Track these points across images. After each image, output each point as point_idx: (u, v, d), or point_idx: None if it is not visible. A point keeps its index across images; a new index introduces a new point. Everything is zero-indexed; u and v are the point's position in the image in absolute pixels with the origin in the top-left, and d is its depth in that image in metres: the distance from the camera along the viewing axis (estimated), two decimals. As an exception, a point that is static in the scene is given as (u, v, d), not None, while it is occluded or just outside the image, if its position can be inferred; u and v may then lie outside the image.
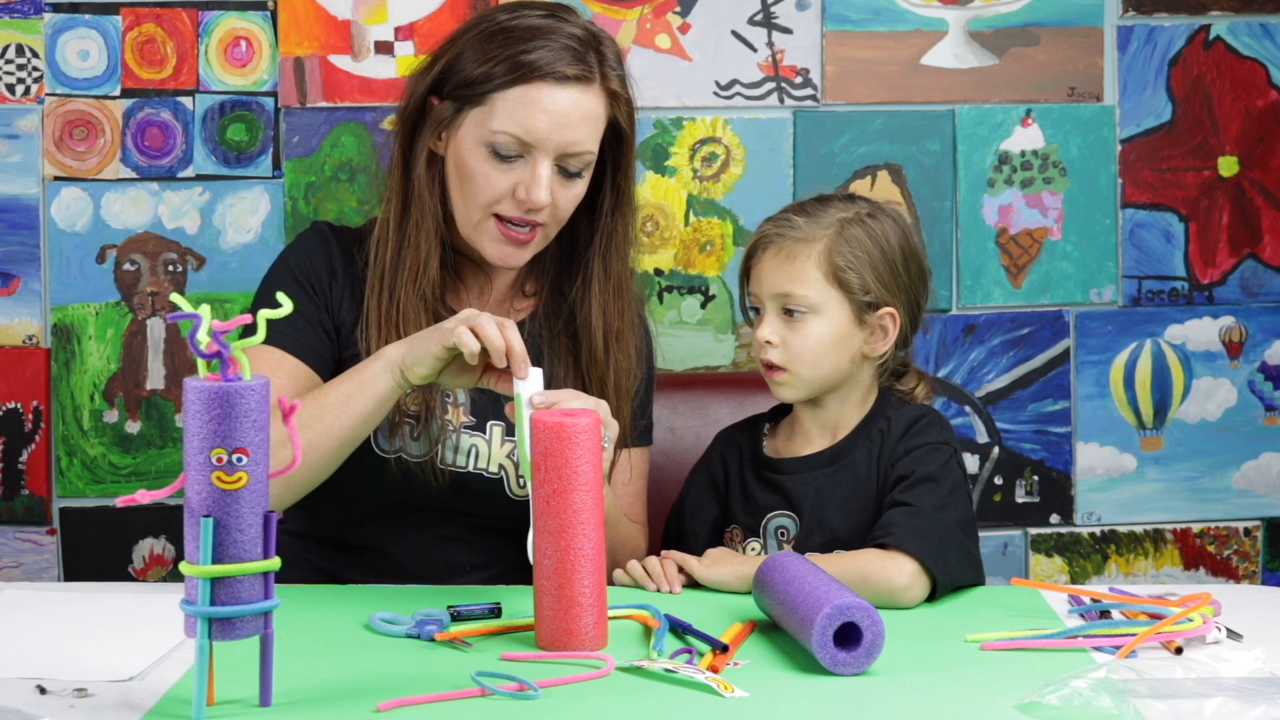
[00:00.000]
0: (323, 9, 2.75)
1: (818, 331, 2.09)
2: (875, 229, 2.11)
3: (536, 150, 2.05)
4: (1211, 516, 2.88)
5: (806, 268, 2.08)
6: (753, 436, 2.20)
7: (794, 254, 2.09)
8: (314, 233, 2.21)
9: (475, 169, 2.07)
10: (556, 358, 2.16)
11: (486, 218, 2.08)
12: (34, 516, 2.77)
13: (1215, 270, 2.86)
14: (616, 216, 2.16)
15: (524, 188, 2.05)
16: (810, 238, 2.09)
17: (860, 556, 1.96)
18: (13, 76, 2.73)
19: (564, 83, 2.05)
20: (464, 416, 2.13)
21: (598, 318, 2.15)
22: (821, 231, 2.09)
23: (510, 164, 2.06)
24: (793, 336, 2.09)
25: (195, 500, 1.51)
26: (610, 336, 2.16)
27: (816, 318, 2.08)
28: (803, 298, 2.08)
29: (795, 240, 2.10)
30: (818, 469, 2.12)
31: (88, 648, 1.76)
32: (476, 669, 1.63)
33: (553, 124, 2.04)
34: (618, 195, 2.16)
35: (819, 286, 2.08)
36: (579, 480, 1.75)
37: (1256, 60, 2.83)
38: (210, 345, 1.52)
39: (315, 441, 1.97)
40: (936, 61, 2.81)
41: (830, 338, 2.09)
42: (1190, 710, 1.54)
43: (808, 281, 2.08)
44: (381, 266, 2.12)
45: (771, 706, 1.59)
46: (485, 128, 2.05)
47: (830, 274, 2.08)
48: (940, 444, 2.07)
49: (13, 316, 2.75)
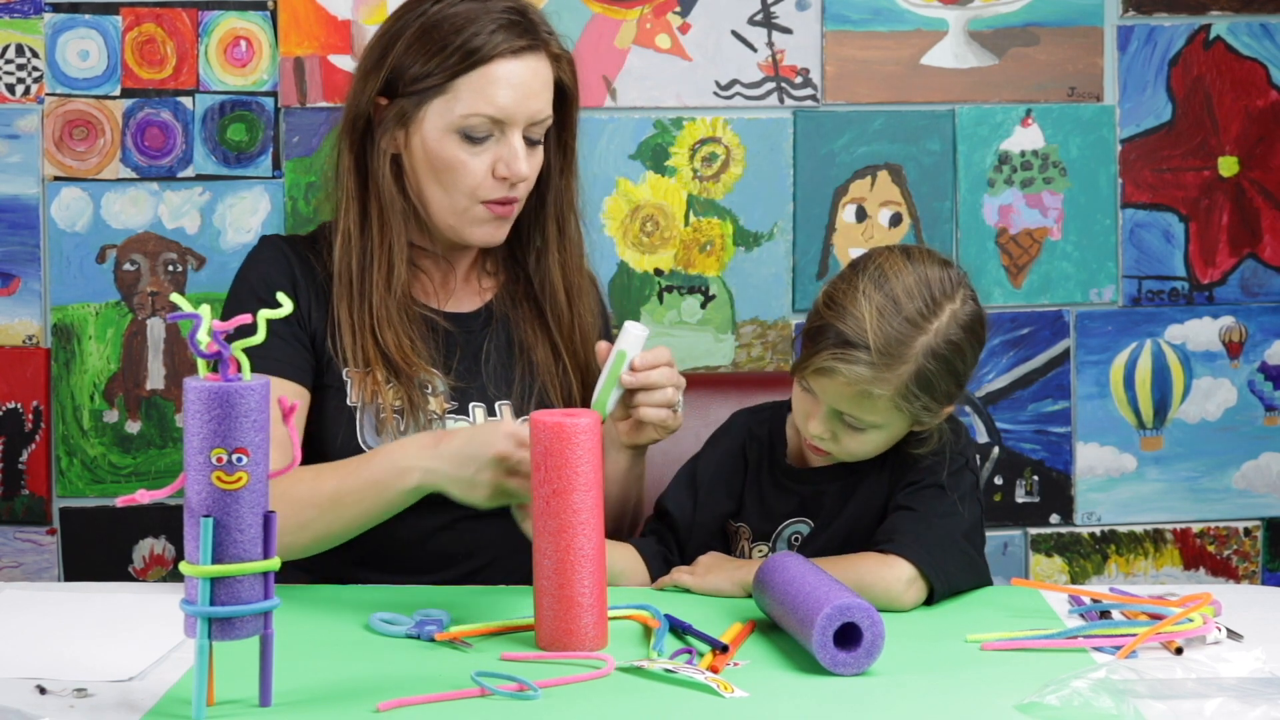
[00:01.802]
0: (323, 9, 2.75)
1: (875, 440, 2.01)
2: (951, 354, 1.96)
3: (508, 125, 2.09)
4: (1211, 516, 2.88)
5: (878, 405, 1.96)
6: (773, 430, 2.15)
7: (868, 393, 1.96)
8: (267, 246, 2.22)
9: (451, 157, 2.10)
10: (526, 324, 2.21)
11: (473, 204, 2.12)
12: (34, 516, 2.77)
13: (1215, 270, 2.86)
14: (566, 176, 2.21)
15: (503, 164, 2.10)
16: (888, 380, 1.94)
17: (859, 561, 1.95)
18: (13, 76, 2.73)
19: (519, 54, 2.09)
20: (446, 404, 2.14)
21: (558, 278, 2.21)
22: (900, 370, 1.94)
23: (482, 145, 2.10)
24: (848, 439, 2.01)
25: (195, 500, 1.51)
26: (572, 292, 2.22)
27: (877, 431, 2.00)
28: (869, 422, 1.99)
29: (870, 381, 1.94)
30: (836, 480, 2.08)
31: (88, 648, 1.76)
32: (476, 669, 1.63)
33: (519, 96, 2.09)
34: (565, 154, 2.20)
35: (887, 413, 1.98)
36: (579, 480, 1.75)
37: (1256, 60, 2.83)
38: (210, 345, 1.52)
39: (331, 532, 2.02)
40: (936, 61, 2.81)
41: (886, 442, 2.02)
42: (1190, 710, 1.54)
43: (878, 412, 1.98)
44: (348, 273, 2.14)
45: (771, 706, 1.59)
46: (453, 114, 2.09)
47: (901, 406, 1.97)
48: (954, 453, 2.05)
49: (13, 316, 2.75)
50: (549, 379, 2.20)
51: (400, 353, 2.12)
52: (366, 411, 2.11)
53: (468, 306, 2.23)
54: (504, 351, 2.20)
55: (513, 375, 2.19)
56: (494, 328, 2.21)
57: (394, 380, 2.11)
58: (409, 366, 2.11)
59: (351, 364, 2.13)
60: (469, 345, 2.19)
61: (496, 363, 2.19)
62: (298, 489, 2.00)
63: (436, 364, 2.15)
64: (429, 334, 2.17)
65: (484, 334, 2.21)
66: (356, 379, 2.13)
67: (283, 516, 1.96)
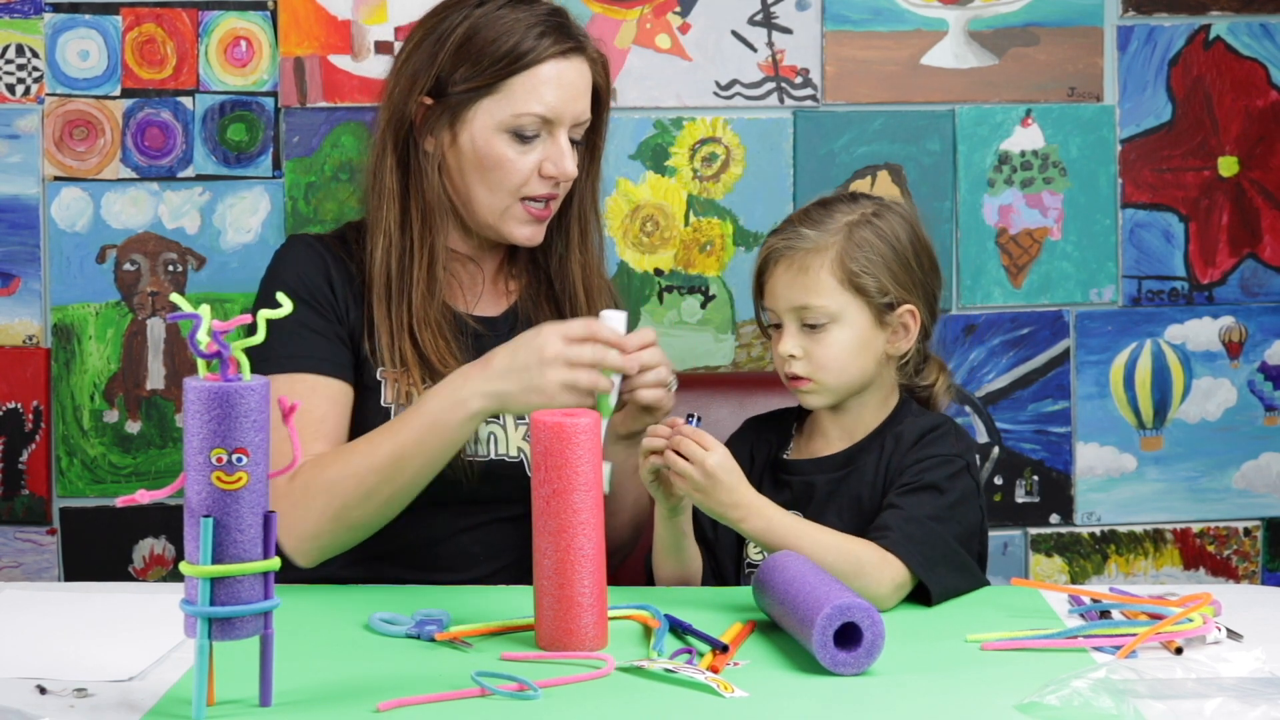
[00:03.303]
0: (323, 9, 2.75)
1: (840, 339, 2.07)
2: (884, 228, 2.09)
3: (556, 125, 2.13)
4: (1211, 516, 2.88)
5: (821, 278, 2.06)
6: (780, 434, 2.19)
7: (806, 265, 2.07)
8: (299, 245, 2.22)
9: (499, 155, 2.12)
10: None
11: (515, 202, 2.14)
12: (34, 516, 2.77)
13: (1215, 270, 2.86)
14: (591, 179, 2.24)
15: (551, 163, 2.13)
16: (820, 247, 2.07)
17: (859, 546, 1.95)
18: (13, 76, 2.73)
19: (567, 56, 2.13)
20: None
21: (579, 279, 2.23)
22: (830, 239, 2.07)
23: (530, 144, 2.13)
24: (815, 347, 2.07)
25: (195, 500, 1.51)
26: (592, 294, 2.24)
27: (837, 326, 2.06)
28: (821, 308, 2.06)
29: (805, 251, 2.07)
30: (830, 471, 2.11)
31: (88, 648, 1.76)
32: (476, 669, 1.64)
33: (568, 97, 2.13)
34: (593, 157, 2.23)
35: (836, 295, 2.06)
36: (579, 480, 1.75)
37: (1256, 60, 2.83)
38: (210, 345, 1.52)
39: (398, 492, 2.02)
40: (936, 61, 2.81)
41: (853, 343, 2.07)
42: (1190, 710, 1.54)
43: (824, 291, 2.06)
44: (387, 273, 2.14)
45: (771, 706, 1.59)
46: (504, 114, 2.11)
47: (846, 280, 2.06)
48: (951, 456, 2.05)
49: (13, 316, 2.75)
50: None
51: (436, 354, 2.13)
52: (401, 412, 2.12)
53: (494, 309, 2.24)
54: None
55: None
56: (519, 330, 2.21)
57: (429, 381, 2.11)
58: (444, 368, 2.11)
59: (388, 365, 2.13)
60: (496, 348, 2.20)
61: None
62: (354, 461, 2.02)
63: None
64: (460, 336, 2.17)
65: (510, 336, 2.20)
66: (391, 380, 2.13)
67: (345, 492, 2.01)
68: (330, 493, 2.01)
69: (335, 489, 2.01)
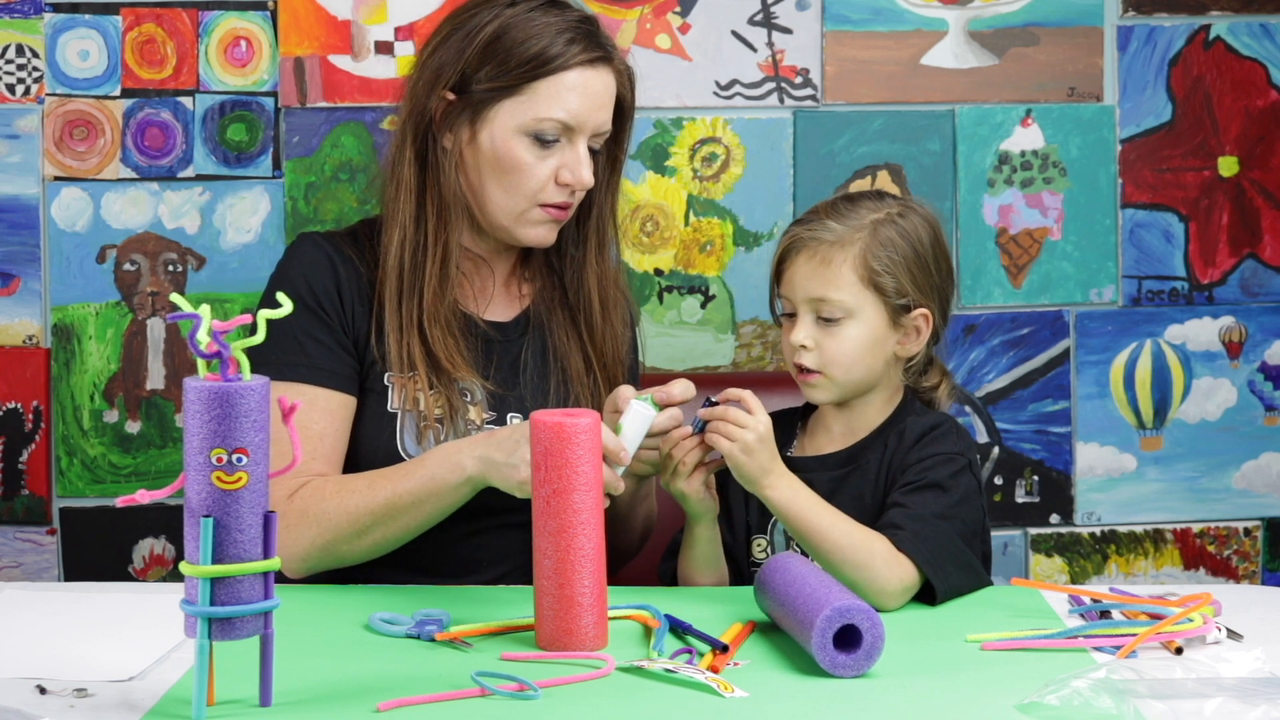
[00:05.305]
0: (323, 9, 2.75)
1: (853, 335, 2.06)
2: (908, 228, 2.09)
3: (576, 132, 2.12)
4: (1211, 516, 2.88)
5: (842, 272, 2.06)
6: (784, 431, 2.17)
7: (828, 258, 2.06)
8: (309, 245, 2.20)
9: (517, 158, 2.11)
10: (560, 331, 2.22)
11: (532, 206, 2.13)
12: (34, 516, 2.77)
13: (1215, 270, 2.86)
14: (611, 190, 2.23)
15: (568, 170, 2.12)
16: (845, 241, 2.06)
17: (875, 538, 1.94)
18: (13, 76, 2.73)
19: (594, 64, 2.12)
20: (485, 413, 2.14)
21: (594, 288, 2.22)
22: (855, 234, 2.06)
23: (549, 150, 2.12)
24: (827, 341, 2.07)
25: (195, 500, 1.51)
26: (607, 304, 2.23)
27: (852, 322, 2.06)
28: (838, 302, 2.06)
29: (829, 244, 2.06)
30: (833, 469, 2.11)
31: (88, 648, 1.76)
32: (476, 669, 1.64)
33: (592, 106, 2.12)
34: (614, 168, 2.22)
35: (854, 290, 2.06)
36: (579, 480, 1.75)
37: (1256, 60, 2.83)
38: (210, 345, 1.52)
39: (388, 538, 2.05)
40: (936, 61, 2.81)
41: (865, 341, 2.07)
42: (1190, 710, 1.54)
43: (843, 286, 2.05)
44: (400, 265, 2.14)
45: (771, 706, 1.59)
46: (526, 116, 2.10)
47: (866, 278, 2.06)
48: (953, 454, 2.05)
49: (13, 316, 2.75)
50: (581, 389, 2.20)
51: (445, 353, 2.12)
52: (408, 417, 2.11)
53: (506, 313, 2.23)
54: (540, 360, 2.21)
55: (548, 385, 2.20)
56: (530, 335, 2.22)
57: (436, 384, 2.11)
58: (453, 369, 2.11)
59: (395, 368, 2.13)
60: (506, 353, 2.19)
61: (533, 371, 2.20)
62: (351, 500, 2.03)
63: (476, 369, 2.15)
64: (470, 337, 2.17)
65: (521, 341, 2.21)
66: (398, 384, 2.13)
67: (338, 527, 2.02)
68: (323, 524, 2.03)
69: (328, 521, 2.03)
